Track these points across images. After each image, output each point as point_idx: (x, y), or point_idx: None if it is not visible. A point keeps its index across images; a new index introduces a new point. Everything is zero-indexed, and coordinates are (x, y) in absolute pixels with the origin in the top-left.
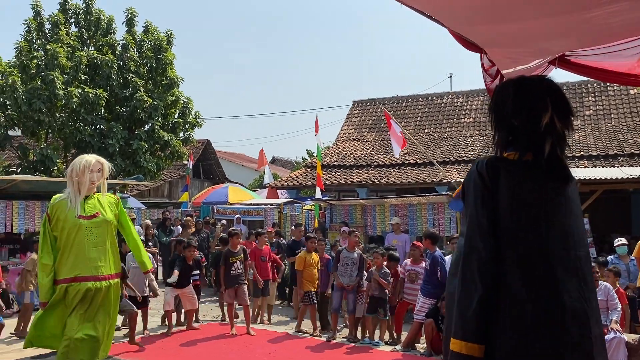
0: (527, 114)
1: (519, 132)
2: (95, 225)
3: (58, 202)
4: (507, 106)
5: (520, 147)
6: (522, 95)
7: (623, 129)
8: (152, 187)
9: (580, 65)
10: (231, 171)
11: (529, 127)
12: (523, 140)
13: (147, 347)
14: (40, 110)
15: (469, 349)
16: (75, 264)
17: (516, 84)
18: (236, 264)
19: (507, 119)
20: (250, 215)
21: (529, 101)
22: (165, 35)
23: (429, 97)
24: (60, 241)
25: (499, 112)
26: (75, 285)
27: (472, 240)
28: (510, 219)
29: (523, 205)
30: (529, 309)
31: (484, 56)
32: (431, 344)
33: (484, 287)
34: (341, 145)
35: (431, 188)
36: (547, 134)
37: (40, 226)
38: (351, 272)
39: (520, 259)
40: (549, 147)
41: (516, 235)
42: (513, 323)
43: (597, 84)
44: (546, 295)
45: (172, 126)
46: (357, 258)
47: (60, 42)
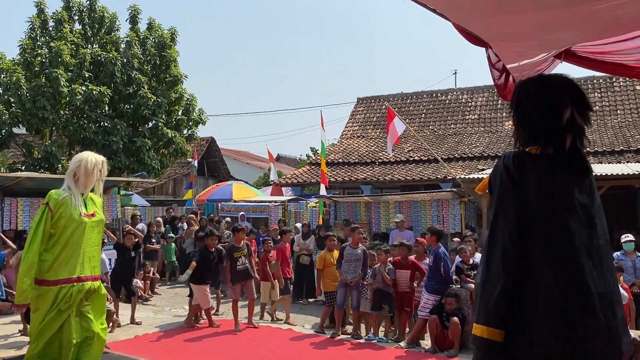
0: (549, 110)
1: (540, 128)
2: (94, 224)
3: (63, 198)
4: (529, 103)
5: (542, 141)
6: (543, 92)
7: (629, 125)
8: (156, 185)
9: (586, 59)
10: (236, 169)
11: (551, 123)
12: (545, 135)
13: (151, 343)
14: (44, 107)
15: (490, 334)
16: (78, 264)
17: (537, 82)
18: (241, 259)
19: (529, 115)
20: (255, 212)
21: (549, 98)
22: (169, 33)
23: (433, 93)
24: (60, 239)
25: (520, 109)
26: (78, 286)
27: (497, 231)
28: (536, 210)
29: (548, 196)
30: (557, 295)
31: (489, 50)
32: (435, 340)
33: (507, 275)
34: (345, 142)
35: (436, 185)
36: (568, 129)
37: (35, 221)
38: (355, 269)
39: (547, 248)
40: (569, 141)
41: (543, 225)
42: (541, 310)
43: (603, 79)
44: (573, 282)
45: (176, 123)
46: (361, 254)
47: (64, 40)
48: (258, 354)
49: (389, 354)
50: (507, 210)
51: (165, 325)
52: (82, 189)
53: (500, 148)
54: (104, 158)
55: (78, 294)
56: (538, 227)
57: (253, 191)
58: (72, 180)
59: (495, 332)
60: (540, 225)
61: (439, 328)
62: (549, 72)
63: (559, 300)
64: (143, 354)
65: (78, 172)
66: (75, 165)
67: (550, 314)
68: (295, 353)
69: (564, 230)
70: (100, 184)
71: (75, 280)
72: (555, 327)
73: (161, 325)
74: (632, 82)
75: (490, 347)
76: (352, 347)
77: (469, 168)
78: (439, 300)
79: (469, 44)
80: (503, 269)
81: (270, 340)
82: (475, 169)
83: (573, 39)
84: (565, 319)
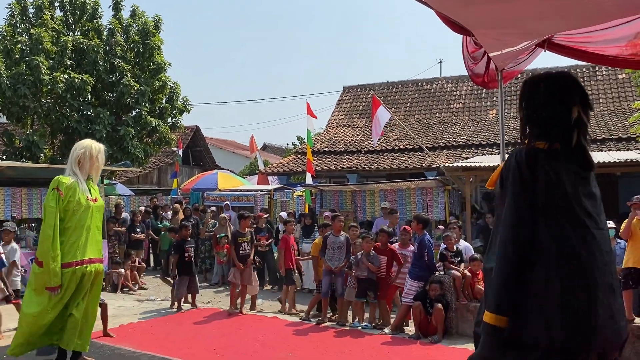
0: (558, 107)
1: (549, 124)
2: (98, 209)
3: (71, 183)
4: (538, 100)
5: (549, 137)
6: (552, 90)
7: (611, 113)
8: (140, 174)
9: (569, 48)
10: (221, 158)
11: (559, 119)
12: (553, 131)
13: (136, 332)
14: (25, 96)
15: (497, 320)
16: (87, 246)
17: (546, 80)
18: (244, 244)
19: (538, 112)
20: (240, 201)
21: (559, 96)
22: (153, 20)
23: (418, 82)
24: (69, 223)
25: (529, 105)
26: (89, 267)
27: (509, 226)
28: (546, 203)
29: (558, 189)
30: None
31: (469, 39)
32: (419, 326)
33: (518, 264)
34: (332, 131)
35: (421, 173)
36: (575, 126)
37: (51, 206)
38: (339, 256)
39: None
40: (576, 138)
41: (552, 218)
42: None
43: (586, 68)
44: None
45: (160, 112)
46: (344, 241)
47: (44, 27)
48: (243, 341)
49: (374, 341)
50: (520, 203)
51: (150, 314)
52: (86, 175)
53: (484, 136)
54: (103, 146)
55: (89, 275)
56: (548, 219)
57: (238, 180)
58: (77, 167)
59: (502, 320)
60: (550, 217)
61: (423, 314)
62: (532, 61)
63: (568, 289)
64: (128, 343)
65: (83, 159)
66: (80, 152)
67: (559, 302)
68: (281, 340)
69: (572, 221)
70: (98, 172)
71: (86, 262)
72: (564, 316)
73: (146, 314)
74: (614, 71)
75: (496, 333)
76: (337, 334)
77: (453, 156)
78: (423, 286)
79: (454, 33)
80: (515, 258)
81: (257, 328)
82: (459, 158)
83: (555, 27)
84: (573, 308)
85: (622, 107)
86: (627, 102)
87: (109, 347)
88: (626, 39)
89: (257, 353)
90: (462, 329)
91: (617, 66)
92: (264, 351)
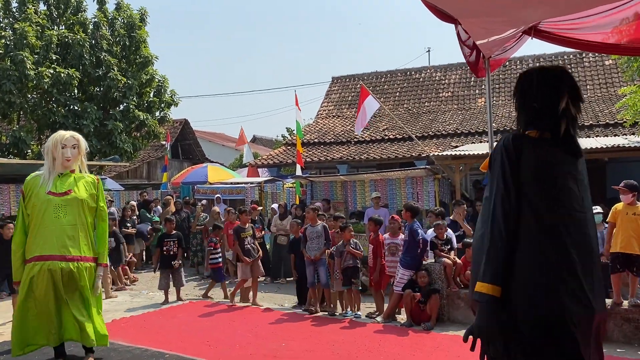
0: (548, 98)
1: (539, 114)
2: (66, 202)
3: (32, 178)
4: (531, 91)
5: (540, 126)
6: (544, 82)
7: (598, 99)
8: (130, 169)
9: (555, 36)
10: (211, 151)
11: (549, 110)
12: (543, 121)
13: (128, 326)
14: (10, 91)
15: (493, 290)
16: (44, 242)
17: (540, 73)
18: (247, 239)
19: (531, 103)
20: (231, 194)
21: (549, 88)
22: (139, 13)
23: (407, 72)
24: (34, 218)
25: (522, 96)
26: (39, 264)
27: (498, 202)
28: (531, 184)
29: (543, 173)
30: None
31: (459, 27)
32: (411, 314)
33: (507, 239)
34: (321, 122)
35: (410, 162)
36: (563, 116)
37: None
38: (319, 245)
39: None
40: (564, 127)
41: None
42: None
43: (573, 55)
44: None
45: (148, 105)
46: (322, 230)
47: (28, 21)
48: (236, 333)
49: (366, 329)
50: (506, 183)
51: (142, 308)
52: (58, 167)
53: (473, 125)
54: (75, 134)
55: (42, 273)
56: (532, 200)
57: (228, 173)
58: (45, 159)
59: (496, 289)
60: (534, 197)
61: (414, 302)
62: (518, 48)
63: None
64: (120, 337)
65: (48, 151)
66: (49, 144)
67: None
68: (274, 331)
69: (556, 202)
70: (82, 161)
71: (37, 258)
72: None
73: (138, 308)
74: (602, 57)
75: (493, 302)
76: (329, 324)
77: (442, 145)
78: (414, 275)
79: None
80: (504, 234)
81: (249, 320)
82: (449, 146)
83: (541, 15)
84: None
85: (609, 93)
86: (614, 88)
87: None
88: (611, 26)
89: (250, 344)
90: (454, 316)
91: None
92: (257, 342)
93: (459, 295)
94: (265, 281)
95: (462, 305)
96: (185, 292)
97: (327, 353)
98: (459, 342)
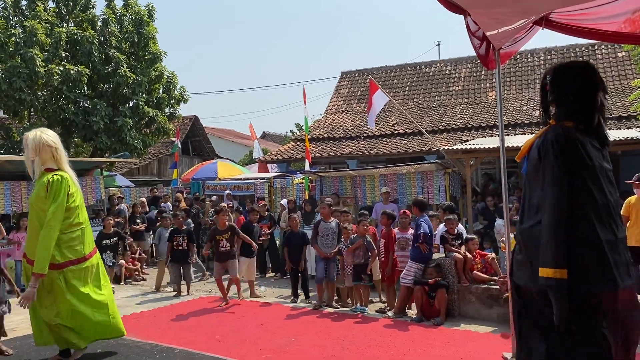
0: (583, 92)
1: (576, 107)
2: (31, 204)
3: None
4: (567, 86)
5: (576, 118)
6: (579, 78)
7: (611, 92)
8: (140, 165)
9: (567, 26)
10: (221, 147)
11: (584, 103)
12: (579, 113)
13: (139, 322)
14: (21, 89)
15: (561, 274)
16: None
17: (574, 69)
18: (222, 242)
19: (567, 96)
20: (240, 190)
21: (584, 82)
22: (146, 9)
23: (417, 66)
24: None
25: (560, 90)
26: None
27: (555, 192)
28: (580, 171)
29: (590, 159)
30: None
31: (469, 18)
32: (421, 309)
33: (566, 226)
34: (330, 118)
35: (420, 157)
36: (597, 109)
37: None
38: (332, 242)
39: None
40: (597, 119)
41: (585, 186)
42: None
43: (585, 47)
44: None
45: (157, 102)
46: (335, 227)
47: (38, 19)
48: (246, 328)
49: (376, 324)
50: (561, 174)
51: (153, 303)
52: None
53: (484, 119)
54: (27, 133)
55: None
56: (582, 185)
57: (238, 168)
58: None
59: (564, 272)
60: (583, 183)
61: (425, 297)
62: (528, 40)
63: (604, 247)
64: (131, 333)
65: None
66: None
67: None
68: (283, 326)
69: (601, 189)
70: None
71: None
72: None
73: (149, 304)
74: (614, 49)
75: (564, 285)
76: (339, 319)
77: (453, 139)
78: (423, 268)
79: (452, 14)
80: (563, 221)
81: (259, 315)
82: (459, 140)
83: (552, 4)
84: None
85: (622, 85)
86: (627, 80)
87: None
88: (624, 15)
89: (260, 339)
90: (464, 311)
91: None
92: (267, 337)
93: (470, 290)
94: (275, 277)
95: (473, 300)
96: (195, 287)
97: (337, 348)
98: (469, 337)
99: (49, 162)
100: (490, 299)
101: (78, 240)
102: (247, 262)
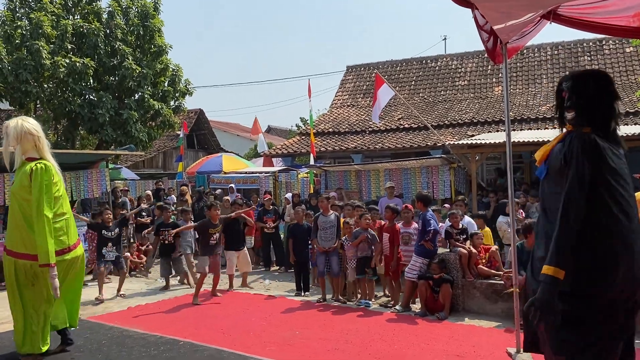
0: (603, 101)
1: (594, 114)
2: (13, 195)
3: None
4: (588, 94)
5: (594, 124)
6: (599, 87)
7: (618, 87)
8: (146, 158)
9: (575, 20)
10: (226, 141)
11: (603, 111)
12: (597, 120)
13: (143, 315)
14: (27, 81)
15: (557, 273)
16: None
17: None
18: (214, 235)
19: (586, 104)
20: (245, 183)
21: (605, 92)
22: (152, 2)
23: (423, 60)
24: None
25: (581, 97)
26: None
27: (573, 194)
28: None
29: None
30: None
31: (476, 12)
32: (426, 303)
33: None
34: (336, 112)
35: (426, 152)
36: (614, 116)
37: None
38: (332, 235)
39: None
40: (613, 125)
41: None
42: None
43: (593, 42)
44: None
45: (162, 95)
46: (335, 220)
47: (44, 11)
48: (250, 321)
49: (380, 318)
50: (584, 177)
51: (157, 296)
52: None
53: (490, 114)
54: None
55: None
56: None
57: (243, 162)
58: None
59: (560, 272)
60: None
61: (429, 292)
62: (536, 34)
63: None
64: (136, 325)
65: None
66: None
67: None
68: (287, 320)
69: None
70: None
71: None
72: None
73: (153, 297)
74: (622, 44)
75: (554, 283)
76: (343, 312)
77: (458, 134)
78: (427, 263)
79: (459, 8)
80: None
81: (263, 308)
82: (465, 135)
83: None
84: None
85: (630, 81)
86: (634, 76)
87: (118, 329)
88: (633, 9)
89: (264, 332)
90: (469, 306)
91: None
92: (271, 330)
93: (474, 284)
94: (280, 270)
95: (478, 294)
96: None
97: (340, 342)
98: (473, 332)
99: (31, 151)
100: (494, 294)
101: (62, 231)
102: (236, 255)
